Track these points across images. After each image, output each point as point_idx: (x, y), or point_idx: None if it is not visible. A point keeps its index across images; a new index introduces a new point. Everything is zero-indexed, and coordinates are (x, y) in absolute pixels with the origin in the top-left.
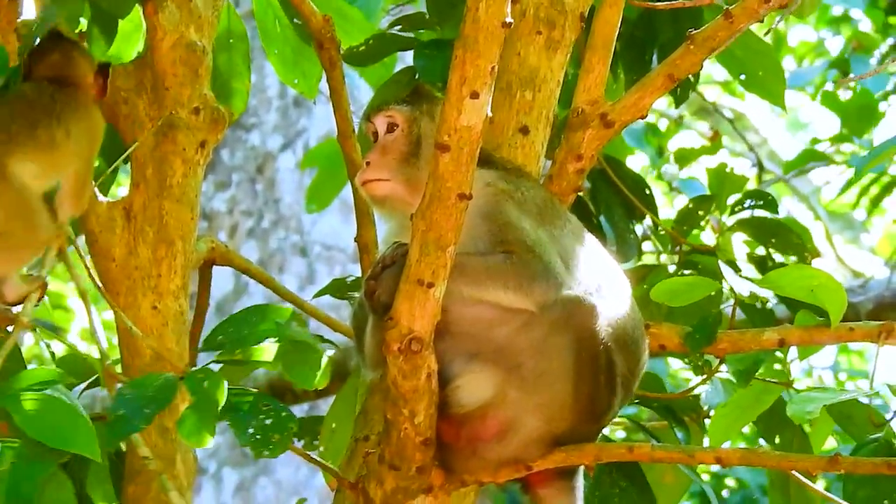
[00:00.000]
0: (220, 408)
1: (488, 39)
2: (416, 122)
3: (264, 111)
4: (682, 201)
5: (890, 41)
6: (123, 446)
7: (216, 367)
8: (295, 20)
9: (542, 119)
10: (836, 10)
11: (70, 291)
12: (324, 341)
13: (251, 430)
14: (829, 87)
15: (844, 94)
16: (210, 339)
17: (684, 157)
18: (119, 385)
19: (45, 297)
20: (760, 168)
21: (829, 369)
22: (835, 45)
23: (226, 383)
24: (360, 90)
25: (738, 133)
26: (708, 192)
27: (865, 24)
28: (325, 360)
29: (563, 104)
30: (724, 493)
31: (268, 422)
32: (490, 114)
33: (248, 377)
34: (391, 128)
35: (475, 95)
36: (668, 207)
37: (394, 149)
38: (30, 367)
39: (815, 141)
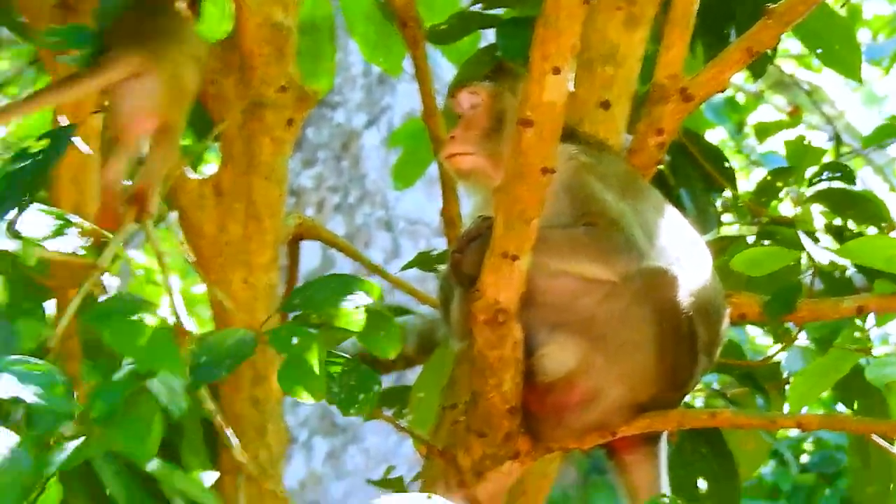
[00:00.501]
0: (315, 363)
1: (569, 17)
2: (499, 97)
3: (349, 89)
4: (760, 174)
5: None
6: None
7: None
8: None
9: (623, 94)
10: None
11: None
12: (410, 313)
13: (336, 390)
14: None
15: None
16: (288, 301)
17: (764, 131)
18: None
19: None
20: (837, 141)
21: None
22: None
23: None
24: (443, 68)
25: (816, 106)
26: (786, 165)
27: None
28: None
29: (644, 79)
30: (804, 458)
31: (352, 382)
32: (572, 89)
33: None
34: (475, 104)
35: (557, 71)
36: (747, 180)
37: (477, 124)
38: None
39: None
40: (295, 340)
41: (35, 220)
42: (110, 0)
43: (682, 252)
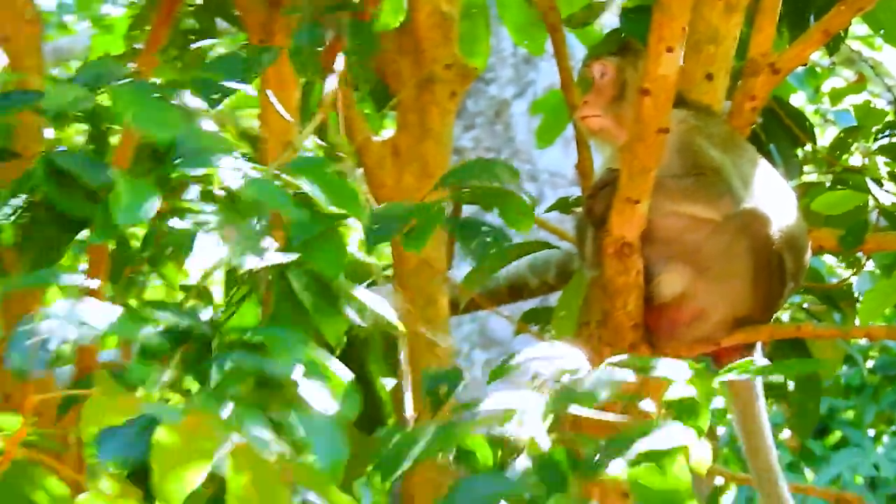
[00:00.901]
0: None
1: (680, 5)
2: (624, 70)
3: (500, 67)
4: (833, 131)
5: None
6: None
7: None
8: None
9: (723, 68)
10: None
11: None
12: (552, 247)
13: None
14: None
15: None
16: (444, 178)
17: (836, 96)
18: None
19: None
20: (895, 105)
21: None
22: None
23: None
24: (577, 49)
25: (878, 77)
26: (855, 124)
27: None
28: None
29: (739, 56)
30: (870, 363)
31: (487, 238)
32: (682, 64)
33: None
34: (604, 74)
35: (670, 50)
36: (823, 137)
37: (605, 91)
38: None
39: None
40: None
41: None
42: None
43: (773, 196)
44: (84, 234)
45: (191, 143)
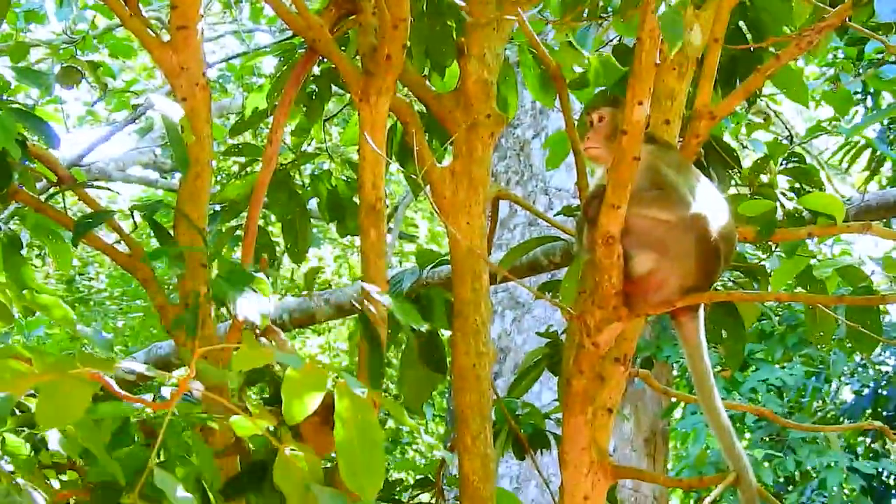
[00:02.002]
0: None
1: (647, 72)
2: (614, 116)
3: (523, 116)
4: (748, 155)
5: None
6: None
7: None
8: (541, 67)
9: (677, 116)
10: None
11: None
12: (559, 239)
13: None
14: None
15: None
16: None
17: (750, 130)
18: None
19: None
20: (791, 139)
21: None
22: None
23: None
24: (576, 104)
25: (781, 120)
26: (766, 153)
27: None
28: None
29: (688, 107)
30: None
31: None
32: (648, 113)
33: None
34: (601, 118)
35: (641, 103)
36: (744, 161)
37: (601, 131)
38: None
39: (819, 123)
40: None
41: None
42: None
43: (711, 204)
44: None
45: None
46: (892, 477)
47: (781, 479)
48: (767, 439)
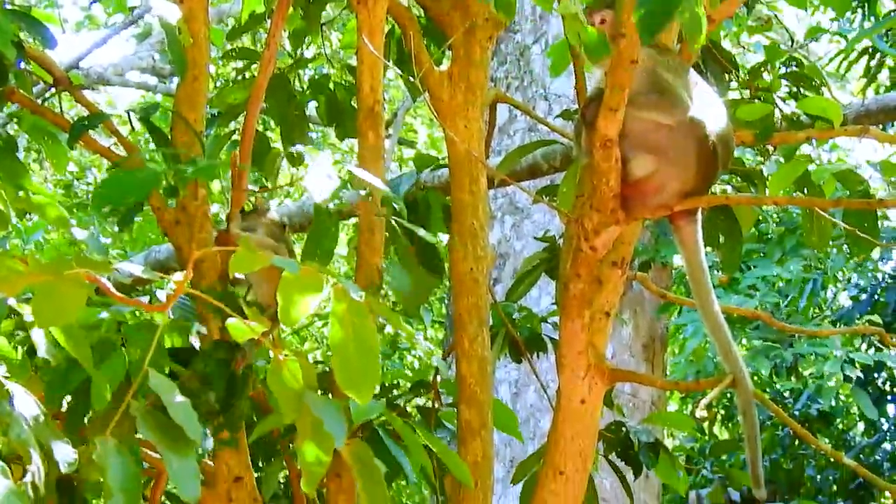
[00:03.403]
0: None
1: None
2: (614, 18)
3: (523, 21)
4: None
5: None
6: None
7: None
8: None
9: (674, 27)
10: None
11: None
12: (557, 143)
13: None
14: None
15: None
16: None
17: (752, 31)
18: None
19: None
20: (791, 42)
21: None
22: None
23: None
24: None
25: (782, 25)
26: (765, 57)
27: None
28: None
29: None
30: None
31: None
32: None
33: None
34: (602, 21)
35: None
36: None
37: (602, 32)
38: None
39: (818, 25)
40: None
41: None
42: None
43: (709, 107)
44: None
45: None
46: (888, 383)
47: (782, 373)
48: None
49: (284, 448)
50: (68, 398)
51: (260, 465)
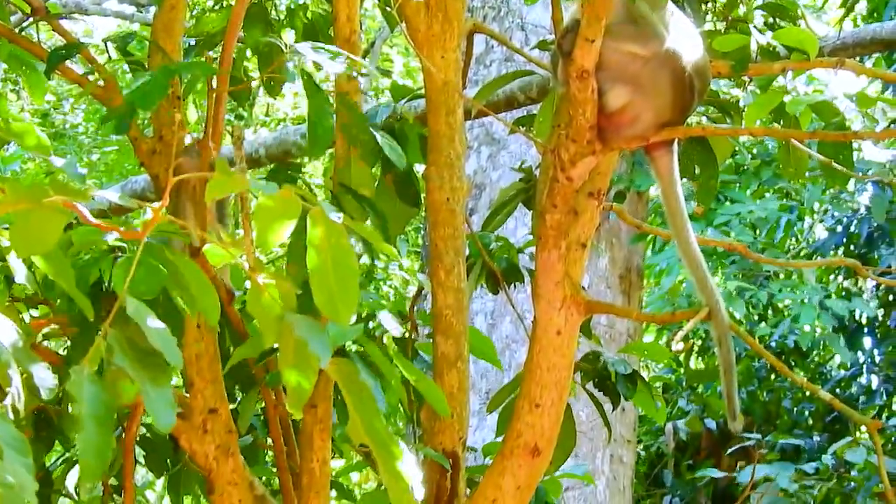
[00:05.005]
0: None
1: None
2: None
3: None
4: None
5: None
6: None
7: None
8: None
9: None
10: None
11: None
12: (533, 73)
13: None
14: None
15: None
16: None
17: None
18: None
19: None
20: None
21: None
22: None
23: None
24: None
25: None
26: None
27: None
28: None
29: None
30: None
31: None
32: None
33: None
34: None
35: None
36: None
37: None
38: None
39: None
40: None
41: None
42: None
43: (686, 38)
44: None
45: None
46: (864, 316)
47: (755, 318)
48: (740, 275)
49: (260, 378)
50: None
51: (236, 396)
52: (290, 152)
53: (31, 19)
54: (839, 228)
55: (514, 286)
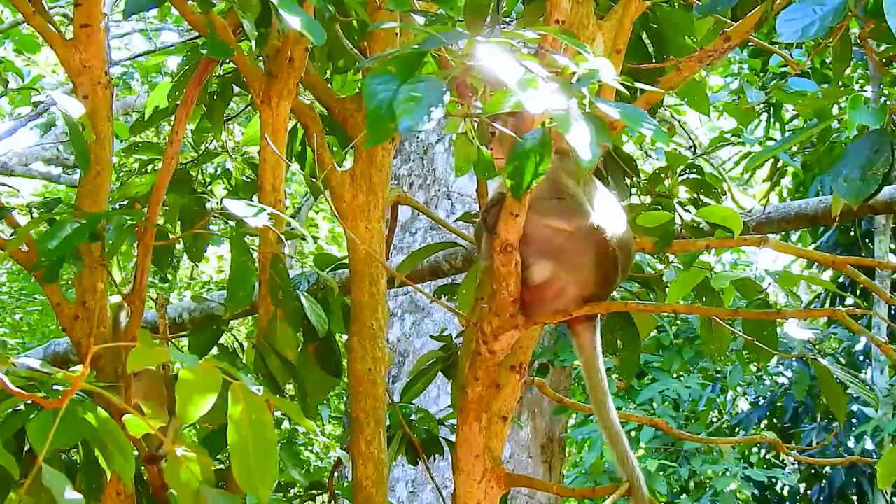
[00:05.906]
0: None
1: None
2: (517, 124)
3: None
4: (652, 163)
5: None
6: None
7: None
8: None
9: None
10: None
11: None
12: (458, 245)
13: None
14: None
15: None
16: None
17: (654, 138)
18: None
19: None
20: (693, 149)
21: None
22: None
23: None
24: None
25: (684, 129)
26: (666, 164)
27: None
28: None
29: None
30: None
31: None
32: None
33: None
34: (493, 134)
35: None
36: (645, 168)
37: (504, 140)
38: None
39: (721, 134)
40: None
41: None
42: None
43: (610, 213)
44: None
45: None
46: (786, 487)
47: (676, 490)
48: (662, 450)
49: None
50: None
51: None
52: (214, 317)
53: None
54: (762, 402)
55: (434, 456)
